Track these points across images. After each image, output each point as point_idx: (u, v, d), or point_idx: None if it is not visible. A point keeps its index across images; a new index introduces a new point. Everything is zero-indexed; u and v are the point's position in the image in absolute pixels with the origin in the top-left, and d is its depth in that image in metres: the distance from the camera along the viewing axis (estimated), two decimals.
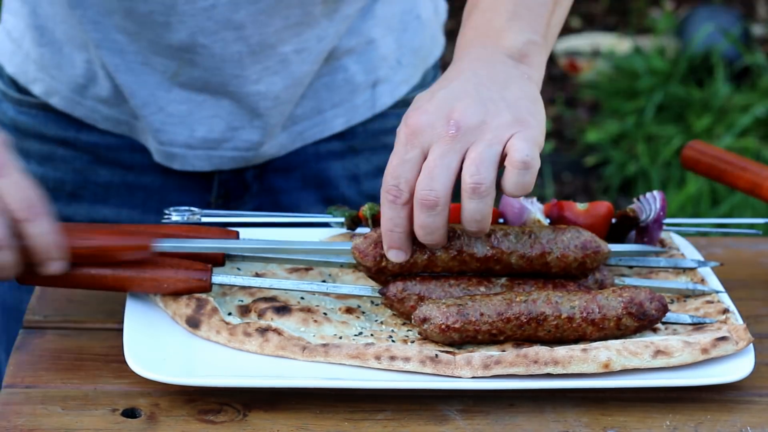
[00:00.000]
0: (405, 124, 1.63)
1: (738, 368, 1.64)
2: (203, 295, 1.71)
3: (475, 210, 1.61)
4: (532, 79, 1.71)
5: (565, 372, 1.62)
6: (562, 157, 5.28)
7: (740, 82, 5.60)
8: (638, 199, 1.88)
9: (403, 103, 2.17)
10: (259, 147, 2.07)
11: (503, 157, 1.60)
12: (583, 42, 5.98)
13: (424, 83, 2.22)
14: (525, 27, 1.75)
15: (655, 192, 1.88)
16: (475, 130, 1.60)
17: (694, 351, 1.64)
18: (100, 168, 2.13)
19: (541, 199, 1.87)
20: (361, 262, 1.72)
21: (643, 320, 1.68)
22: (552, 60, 5.89)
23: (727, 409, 1.64)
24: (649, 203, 1.87)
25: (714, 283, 1.82)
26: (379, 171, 2.12)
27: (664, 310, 1.69)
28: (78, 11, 1.98)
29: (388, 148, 2.11)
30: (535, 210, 1.84)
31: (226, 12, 1.93)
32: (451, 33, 1.97)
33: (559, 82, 5.74)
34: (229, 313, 1.71)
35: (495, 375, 1.62)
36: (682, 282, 1.82)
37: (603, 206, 1.85)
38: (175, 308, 1.71)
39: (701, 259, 1.89)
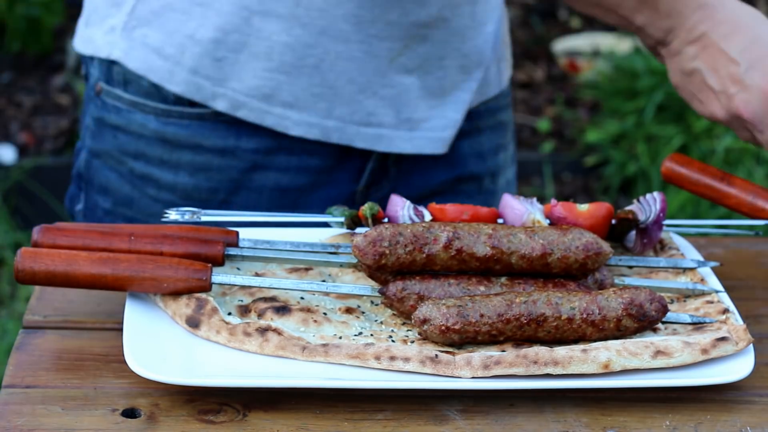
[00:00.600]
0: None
1: (738, 368, 1.64)
2: (203, 295, 1.71)
3: None
4: None
5: (565, 372, 1.62)
6: (562, 157, 5.28)
7: None
8: (638, 200, 1.88)
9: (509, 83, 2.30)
10: (455, 126, 2.15)
11: None
12: (583, 42, 5.98)
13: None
14: None
15: (655, 193, 1.88)
16: None
17: (694, 351, 1.64)
18: (255, 174, 2.12)
19: (541, 200, 1.87)
20: (361, 260, 1.72)
21: (642, 321, 1.68)
22: (552, 60, 5.89)
23: (727, 409, 1.64)
24: (649, 204, 1.87)
25: (714, 283, 1.82)
26: (498, 148, 2.28)
27: (664, 310, 1.69)
28: (304, 2, 2.00)
29: (503, 126, 2.28)
30: (535, 211, 1.84)
31: None
32: None
33: (559, 82, 5.74)
34: (229, 313, 1.71)
35: (495, 375, 1.62)
36: (682, 282, 1.82)
37: (603, 207, 1.85)
38: (175, 308, 1.71)
39: (701, 259, 1.89)
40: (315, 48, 2.02)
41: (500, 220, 1.87)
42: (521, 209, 1.84)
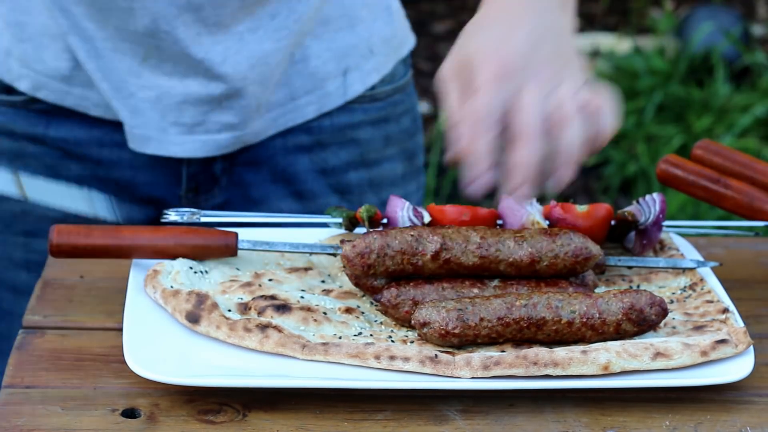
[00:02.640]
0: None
1: (738, 369, 1.64)
2: (203, 291, 1.72)
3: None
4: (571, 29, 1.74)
5: (564, 374, 1.62)
6: None
7: (740, 82, 5.60)
8: (638, 201, 1.88)
9: (371, 98, 2.19)
10: (233, 130, 2.08)
11: None
12: (583, 42, 5.98)
13: (395, 74, 2.23)
14: None
15: (654, 194, 1.88)
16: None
17: (694, 353, 1.64)
18: (70, 163, 2.13)
19: (541, 200, 1.87)
20: (349, 269, 1.73)
21: (642, 326, 1.68)
22: None
23: (727, 409, 1.64)
24: (649, 206, 1.87)
25: (714, 283, 1.82)
26: (348, 165, 2.16)
27: (664, 314, 1.69)
28: (47, 1, 2.00)
29: (356, 143, 2.15)
30: (535, 212, 1.84)
31: None
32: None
33: None
34: (229, 310, 1.71)
35: (494, 376, 1.62)
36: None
37: (602, 208, 1.84)
38: (175, 304, 1.71)
39: (701, 259, 1.89)
40: (74, 43, 2.03)
41: (500, 222, 1.87)
42: (521, 210, 1.84)
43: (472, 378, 1.61)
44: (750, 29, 6.01)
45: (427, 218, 1.84)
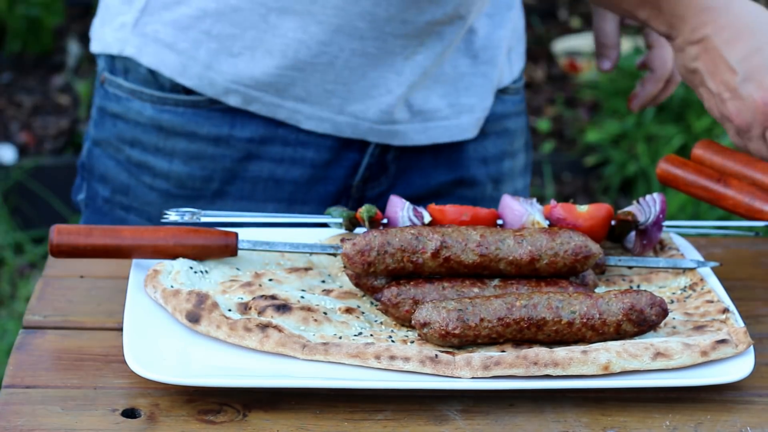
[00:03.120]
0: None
1: (738, 368, 1.64)
2: (203, 290, 1.72)
3: None
4: None
5: (564, 374, 1.62)
6: (562, 157, 5.28)
7: None
8: (638, 201, 1.88)
9: (514, 90, 2.29)
10: (471, 111, 2.15)
11: None
12: (583, 42, 5.98)
13: (524, 69, 2.35)
14: None
15: (654, 194, 1.88)
16: None
17: (694, 353, 1.64)
18: (249, 164, 2.12)
19: (541, 200, 1.87)
20: (349, 267, 1.73)
21: (642, 326, 1.68)
22: (552, 60, 5.89)
23: (727, 409, 1.64)
24: (649, 205, 1.87)
25: (714, 283, 1.82)
26: (503, 154, 2.27)
27: (664, 314, 1.69)
28: (316, 7, 2.00)
29: (508, 132, 2.27)
30: (535, 212, 1.84)
31: None
32: None
33: (559, 82, 5.74)
34: (229, 310, 1.71)
35: (494, 376, 1.62)
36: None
37: (603, 208, 1.85)
38: (176, 304, 1.71)
39: (701, 259, 1.89)
40: (330, 45, 2.03)
41: (500, 221, 1.87)
42: (521, 210, 1.84)
43: (473, 378, 1.61)
44: None
45: (427, 218, 1.84)
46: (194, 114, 2.10)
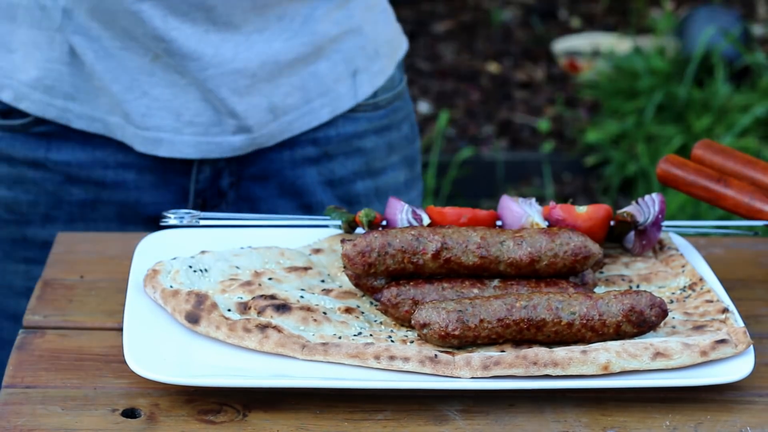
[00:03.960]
0: None
1: (738, 368, 1.64)
2: (202, 291, 1.72)
3: None
4: None
5: (564, 374, 1.62)
6: (562, 157, 5.28)
7: (740, 82, 5.60)
8: (637, 202, 1.88)
9: (374, 106, 2.19)
10: (248, 132, 2.07)
11: None
12: (583, 42, 5.98)
13: (393, 80, 2.24)
14: None
15: (654, 194, 1.88)
16: None
17: (693, 353, 1.64)
18: (72, 187, 2.11)
19: (541, 200, 1.87)
20: (349, 268, 1.73)
21: (642, 327, 1.68)
22: (552, 60, 5.89)
23: (727, 409, 1.64)
24: (648, 206, 1.87)
25: (714, 282, 1.82)
26: (354, 175, 2.16)
27: (664, 315, 1.69)
28: (48, 2, 1.98)
29: (361, 152, 2.15)
30: (534, 213, 1.84)
31: None
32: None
33: (559, 82, 5.74)
34: (228, 310, 1.72)
35: (494, 376, 1.62)
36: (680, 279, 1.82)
37: (602, 209, 1.85)
38: (175, 304, 1.71)
39: (701, 259, 1.89)
40: (79, 43, 2.01)
41: (499, 222, 1.87)
42: (519, 211, 1.84)
43: (472, 378, 1.61)
44: (750, 29, 6.01)
45: (426, 221, 1.84)
46: (11, 138, 2.09)
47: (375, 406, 1.62)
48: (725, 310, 1.74)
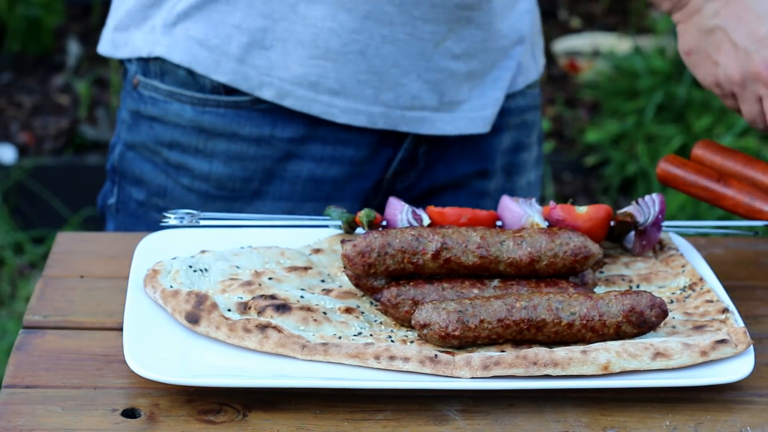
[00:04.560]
0: None
1: (738, 368, 1.64)
2: (202, 291, 1.72)
3: None
4: None
5: (564, 374, 1.62)
6: (562, 157, 5.27)
7: None
8: (637, 202, 1.88)
9: (534, 84, 2.31)
10: (496, 104, 2.16)
11: None
12: (583, 42, 5.98)
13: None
14: None
15: (654, 195, 1.88)
16: None
17: (693, 353, 1.64)
18: (289, 164, 2.12)
19: (541, 200, 1.87)
20: (349, 268, 1.73)
21: (642, 327, 1.68)
22: (552, 60, 5.89)
23: (727, 409, 1.64)
24: (648, 206, 1.87)
25: (714, 282, 1.82)
26: (518, 146, 2.28)
27: (664, 315, 1.69)
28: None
29: (526, 125, 2.28)
30: (534, 213, 1.84)
31: None
32: None
33: (559, 82, 5.73)
34: (229, 310, 1.71)
35: (494, 376, 1.62)
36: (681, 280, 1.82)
37: (602, 209, 1.85)
38: (175, 304, 1.71)
39: (701, 259, 1.89)
40: (360, 33, 2.03)
41: (499, 223, 1.87)
42: (519, 212, 1.84)
43: (472, 378, 1.61)
44: None
45: (426, 221, 1.84)
46: (235, 114, 2.10)
47: (375, 406, 1.62)
48: (725, 310, 1.74)
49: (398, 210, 1.85)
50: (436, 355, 1.63)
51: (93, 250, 1.97)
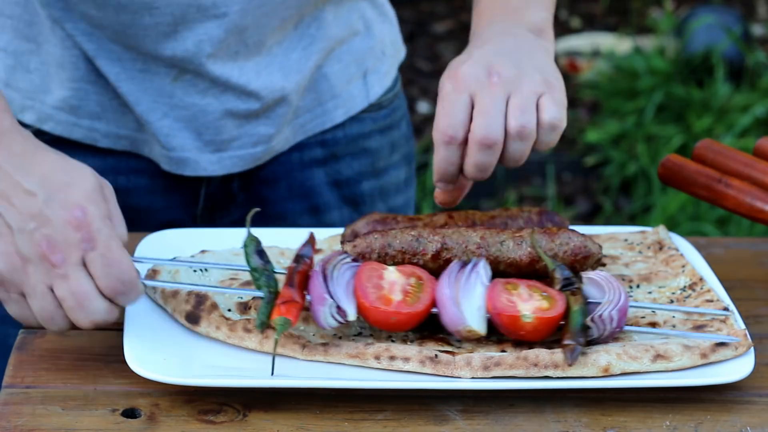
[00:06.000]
0: (450, 75, 1.76)
1: (738, 369, 1.64)
2: (203, 291, 1.72)
3: (517, 150, 1.74)
4: (550, 52, 1.88)
5: (564, 375, 1.62)
6: (562, 157, 5.28)
7: (740, 82, 5.60)
8: (593, 320, 1.67)
9: (378, 106, 2.20)
10: (269, 141, 2.06)
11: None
12: (583, 42, 5.98)
13: (396, 79, 2.25)
14: (539, 5, 1.93)
15: (613, 312, 1.66)
16: (514, 81, 1.75)
17: (694, 355, 1.64)
18: None
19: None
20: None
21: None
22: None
23: (727, 409, 1.64)
24: (605, 324, 1.67)
25: (714, 283, 1.82)
26: (360, 175, 2.16)
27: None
28: (69, 25, 1.94)
29: (367, 152, 2.14)
30: (473, 317, 1.66)
31: (236, 19, 1.94)
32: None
33: None
34: (229, 310, 1.71)
35: (494, 376, 1.62)
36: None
37: (552, 322, 1.65)
38: (175, 305, 1.71)
39: (701, 260, 1.89)
40: (103, 65, 1.98)
41: (434, 310, 1.68)
42: (456, 316, 1.65)
43: (472, 378, 1.61)
44: (750, 29, 6.01)
45: (351, 315, 1.65)
46: None
47: (375, 406, 1.62)
48: (725, 310, 1.74)
49: (321, 304, 1.66)
50: (436, 355, 1.63)
51: None
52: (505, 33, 1.85)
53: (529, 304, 1.65)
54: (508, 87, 1.75)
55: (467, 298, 1.65)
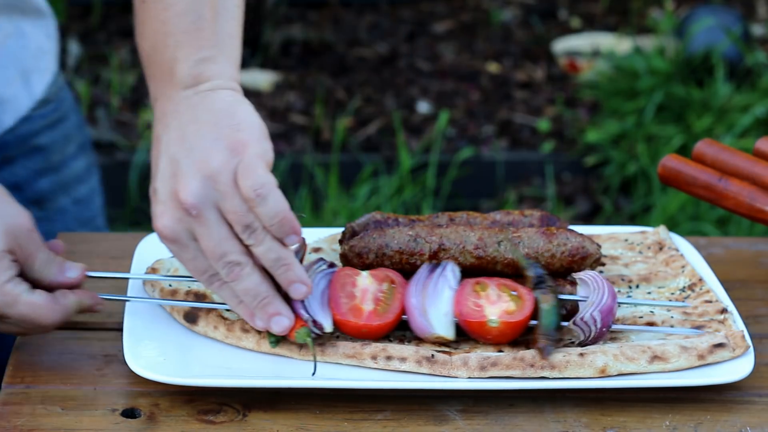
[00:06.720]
0: (161, 235, 1.62)
1: (738, 369, 1.64)
2: (201, 290, 1.72)
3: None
4: (221, 86, 1.67)
5: (561, 376, 1.62)
6: (562, 157, 5.27)
7: (740, 82, 5.60)
8: (574, 323, 1.68)
9: (44, 101, 2.17)
10: None
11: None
12: (583, 42, 5.98)
13: (57, 72, 2.23)
14: (191, 50, 1.69)
15: (595, 313, 1.66)
16: (209, 193, 1.57)
17: (691, 357, 1.64)
18: None
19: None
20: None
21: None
22: (552, 60, 5.89)
23: (727, 409, 1.64)
24: (589, 326, 1.67)
25: (714, 283, 1.82)
26: (37, 174, 2.12)
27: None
28: None
29: (40, 149, 2.11)
30: (440, 324, 1.67)
31: None
32: None
33: (559, 82, 5.73)
34: (228, 310, 1.71)
35: (491, 376, 1.62)
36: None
37: (519, 326, 1.66)
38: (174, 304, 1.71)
39: (701, 260, 1.88)
40: None
41: (405, 317, 1.68)
42: (424, 326, 1.67)
43: (469, 378, 1.61)
44: (750, 29, 6.01)
45: (328, 327, 1.65)
46: None
47: (375, 406, 1.62)
48: (724, 311, 1.74)
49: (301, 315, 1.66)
50: (432, 355, 1.63)
51: (93, 250, 1.97)
52: (166, 116, 1.66)
53: (497, 306, 1.64)
54: (208, 203, 1.59)
55: (434, 305, 1.65)
